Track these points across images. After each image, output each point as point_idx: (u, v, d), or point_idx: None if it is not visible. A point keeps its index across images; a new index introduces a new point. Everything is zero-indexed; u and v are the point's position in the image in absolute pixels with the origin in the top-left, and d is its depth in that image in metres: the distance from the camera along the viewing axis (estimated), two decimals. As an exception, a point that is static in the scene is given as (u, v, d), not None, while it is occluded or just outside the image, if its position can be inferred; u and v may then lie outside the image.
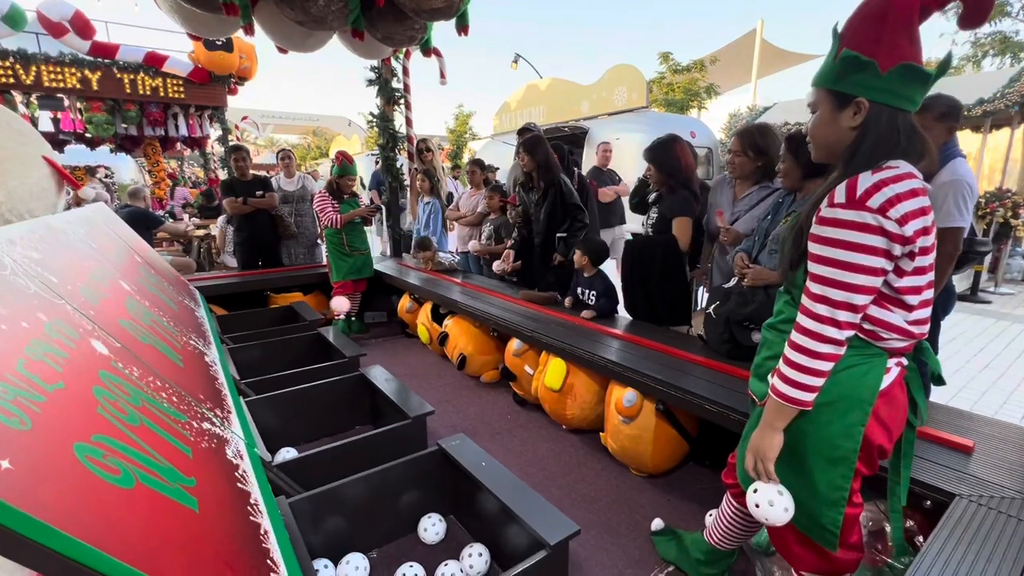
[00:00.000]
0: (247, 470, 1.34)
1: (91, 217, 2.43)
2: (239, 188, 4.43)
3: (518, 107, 12.04)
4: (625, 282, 2.93)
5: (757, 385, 1.29)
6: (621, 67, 9.63)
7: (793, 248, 1.14)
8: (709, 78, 13.11)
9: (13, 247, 1.24)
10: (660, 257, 2.70)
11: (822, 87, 1.10)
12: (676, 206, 2.70)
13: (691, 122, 8.90)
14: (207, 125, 9.20)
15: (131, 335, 1.45)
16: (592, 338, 2.58)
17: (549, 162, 3.40)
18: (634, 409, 2.17)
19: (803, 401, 1.06)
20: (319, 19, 3.41)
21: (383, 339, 4.38)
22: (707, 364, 2.17)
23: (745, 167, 2.45)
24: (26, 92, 7.47)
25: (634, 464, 2.31)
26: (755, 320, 2.09)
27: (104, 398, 0.97)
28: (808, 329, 1.03)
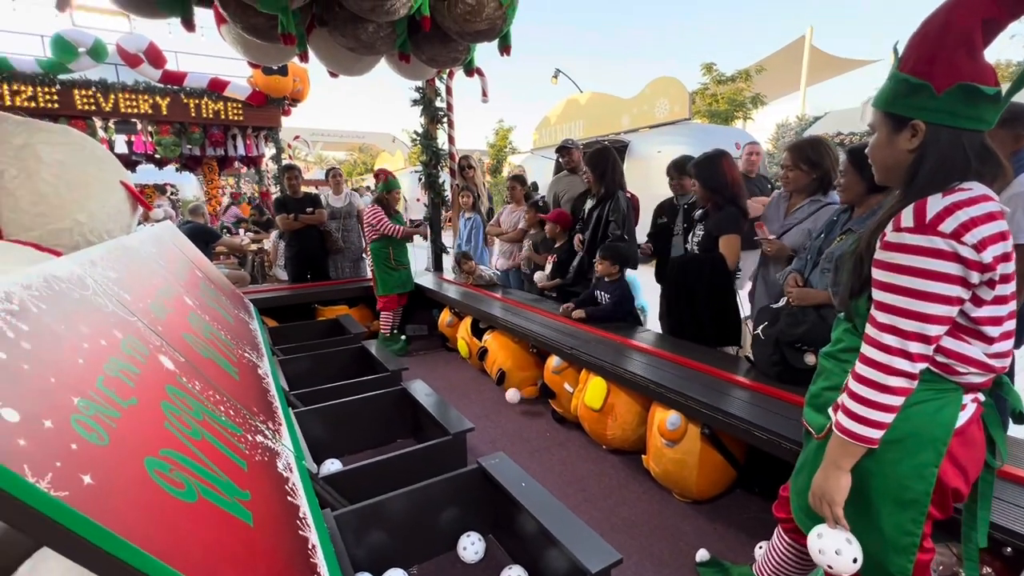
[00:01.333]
0: (296, 483, 1.39)
1: (160, 235, 2.60)
2: (291, 205, 4.65)
3: (558, 121, 12.09)
4: (670, 302, 2.86)
5: (813, 416, 1.23)
6: (663, 80, 9.54)
7: (854, 275, 1.09)
8: (755, 88, 12.78)
9: (95, 268, 1.35)
10: (707, 276, 2.62)
11: (878, 109, 1.06)
12: (723, 223, 2.63)
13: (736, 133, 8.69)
14: (262, 144, 9.73)
15: (193, 349, 1.53)
16: (634, 357, 2.54)
17: (606, 174, 3.43)
18: (678, 432, 2.10)
19: (871, 439, 1.00)
20: (369, 44, 3.56)
21: (424, 353, 4.44)
22: (756, 388, 2.09)
23: (799, 180, 2.39)
24: (105, 118, 8.14)
25: (678, 489, 2.24)
26: (807, 342, 2.00)
27: (171, 412, 1.03)
28: (875, 361, 0.98)
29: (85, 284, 1.19)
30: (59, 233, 1.86)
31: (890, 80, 1.03)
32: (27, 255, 1.43)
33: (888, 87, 1.03)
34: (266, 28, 3.16)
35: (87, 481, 0.65)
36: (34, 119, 1.97)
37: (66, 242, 1.87)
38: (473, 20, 3.18)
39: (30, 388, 0.71)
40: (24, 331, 0.80)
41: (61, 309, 0.97)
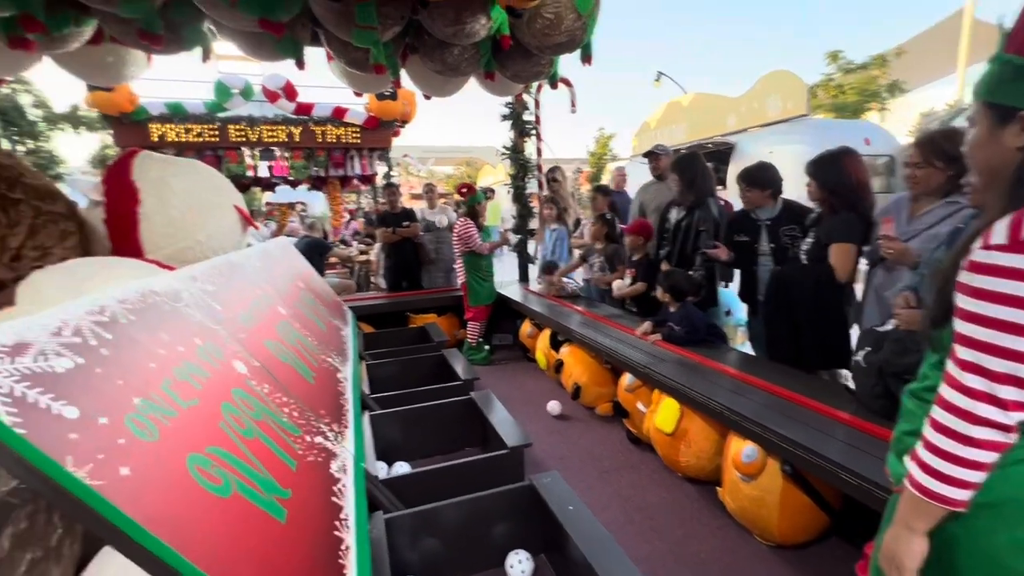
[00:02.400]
0: (347, 484, 1.48)
1: (270, 250, 2.97)
2: (390, 220, 5.03)
3: (658, 126, 11.64)
4: (768, 319, 2.59)
5: (895, 464, 1.03)
6: (775, 74, 8.73)
7: (937, 301, 0.90)
8: (894, 74, 11.17)
9: (194, 282, 1.58)
10: (811, 290, 2.32)
11: (979, 98, 0.87)
12: (836, 230, 2.32)
13: (864, 127, 7.66)
14: (375, 164, 10.66)
15: (272, 355, 1.71)
16: (710, 378, 2.34)
17: (696, 181, 3.24)
18: (754, 467, 1.89)
19: (952, 499, 0.82)
20: (454, 67, 3.74)
21: (505, 362, 4.51)
22: (852, 423, 1.81)
23: (931, 180, 2.00)
24: (252, 147, 9.52)
25: (757, 529, 2.01)
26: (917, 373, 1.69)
27: (229, 413, 1.17)
28: (955, 406, 0.80)
29: (179, 297, 1.39)
30: (184, 251, 2.20)
31: (993, 63, 0.84)
32: (149, 271, 1.71)
33: (991, 72, 0.85)
34: (363, 61, 3.47)
35: (124, 472, 0.76)
36: (170, 156, 2.36)
37: (190, 259, 2.20)
38: (552, 34, 3.20)
39: (96, 389, 0.84)
40: (107, 339, 0.96)
41: (148, 319, 1.15)
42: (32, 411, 0.70)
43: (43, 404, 0.72)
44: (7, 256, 1.60)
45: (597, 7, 3.18)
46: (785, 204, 2.84)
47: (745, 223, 2.95)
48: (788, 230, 2.75)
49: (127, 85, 7.42)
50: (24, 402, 0.70)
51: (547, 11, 3.08)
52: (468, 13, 3.00)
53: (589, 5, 3.11)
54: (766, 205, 2.85)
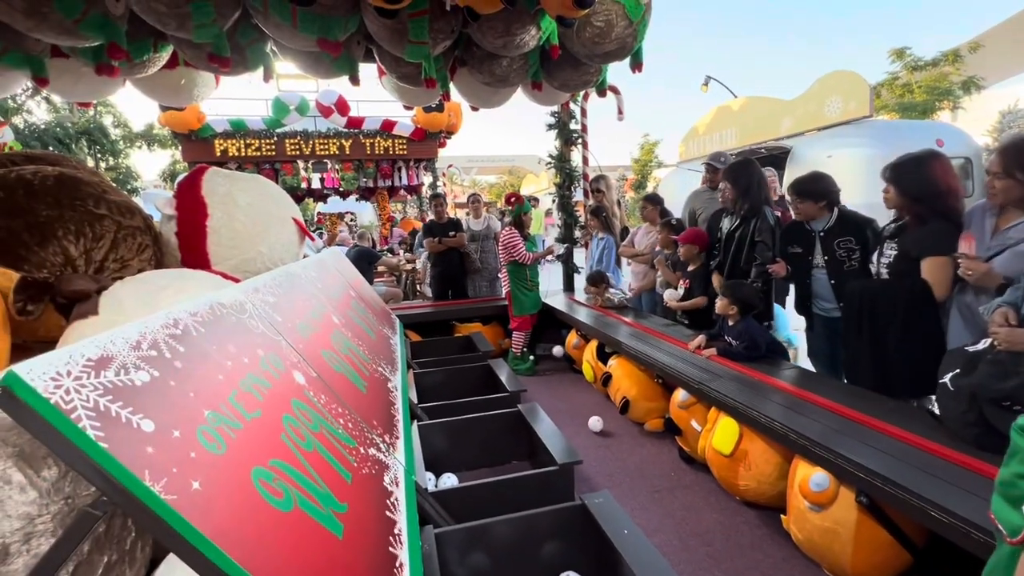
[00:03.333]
0: (399, 498, 1.48)
1: (324, 260, 3.06)
2: (436, 229, 5.10)
3: (707, 131, 11.30)
4: (848, 339, 2.42)
5: (1004, 510, 0.92)
6: (835, 75, 8.30)
7: None
8: (968, 70, 10.38)
9: (256, 294, 1.63)
10: (903, 308, 2.14)
11: None
12: (928, 241, 2.13)
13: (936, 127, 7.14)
14: (422, 174, 10.91)
15: (328, 365, 1.75)
16: (773, 398, 2.21)
17: (751, 189, 3.11)
18: (825, 496, 1.76)
19: None
20: (503, 78, 3.77)
21: (550, 373, 4.46)
22: (938, 452, 1.65)
23: (1011, 193, 1.86)
24: (306, 160, 9.96)
25: (827, 563, 1.87)
26: (1022, 400, 1.52)
27: (289, 425, 1.19)
28: None
29: (244, 308, 1.44)
30: (248, 262, 2.30)
31: None
32: (216, 282, 1.79)
33: None
34: (414, 75, 3.55)
35: (195, 487, 0.78)
36: (235, 172, 2.48)
37: (252, 269, 2.29)
38: (602, 42, 3.15)
39: (171, 402, 0.87)
40: (180, 352, 1.00)
41: (217, 332, 1.19)
42: (114, 425, 0.73)
43: (124, 418, 0.75)
44: (92, 268, 1.71)
45: (648, 13, 3.12)
46: (840, 214, 2.69)
47: (799, 234, 2.81)
48: (844, 242, 2.61)
49: (196, 105, 7.96)
50: (107, 416, 0.73)
51: (597, 19, 3.04)
52: (518, 24, 3.01)
53: (640, 11, 3.05)
54: (820, 217, 2.70)
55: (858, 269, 2.57)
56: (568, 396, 3.87)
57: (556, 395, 3.89)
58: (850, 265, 2.60)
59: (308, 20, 2.73)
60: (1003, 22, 10.89)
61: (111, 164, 15.51)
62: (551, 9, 2.67)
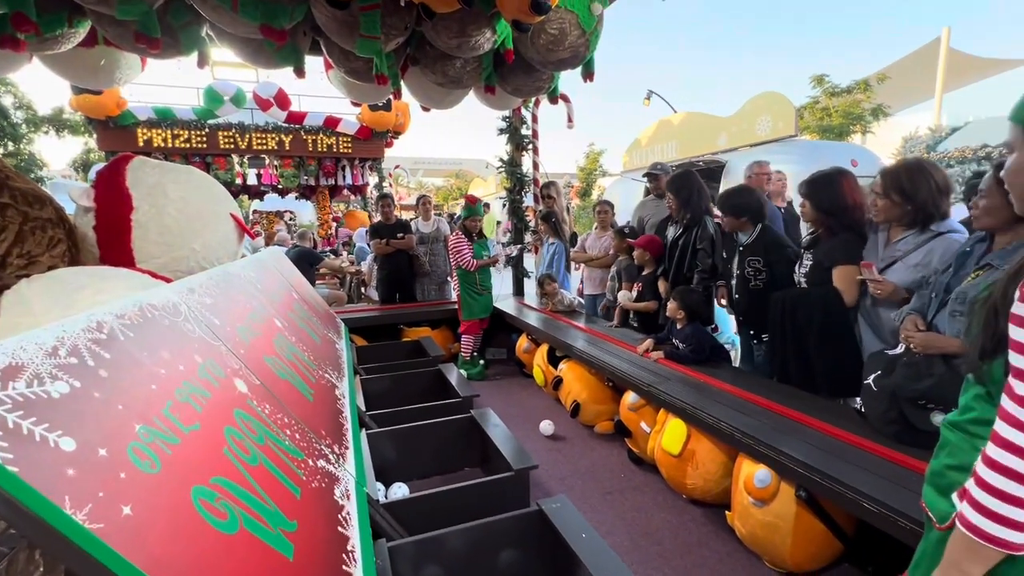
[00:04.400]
0: (351, 512, 1.40)
1: (264, 260, 2.87)
2: (383, 231, 4.95)
3: (649, 143, 11.78)
4: (774, 344, 2.55)
5: (934, 499, 0.99)
6: (765, 95, 8.92)
7: (986, 332, 0.87)
8: (877, 98, 11.49)
9: (192, 295, 1.49)
10: (820, 314, 2.28)
11: (1018, 123, 0.85)
12: (837, 251, 2.29)
13: (850, 149, 7.82)
14: (367, 174, 10.59)
15: (271, 371, 1.63)
16: (719, 399, 2.30)
17: (692, 199, 3.24)
18: (767, 492, 1.85)
19: (1011, 543, 0.77)
20: (456, 79, 3.72)
21: (500, 377, 4.44)
22: (867, 447, 1.78)
23: (889, 211, 2.06)
24: (241, 155, 9.38)
25: (768, 556, 1.96)
26: (934, 399, 1.67)
27: (232, 438, 1.09)
28: (1016, 445, 0.76)
29: (178, 311, 1.31)
30: (179, 261, 2.11)
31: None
32: (143, 282, 1.62)
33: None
34: (364, 71, 3.43)
35: (126, 512, 0.68)
36: (166, 162, 2.28)
37: (184, 269, 2.11)
38: (556, 49, 3.19)
39: (95, 416, 0.76)
40: (105, 359, 0.88)
41: (148, 336, 1.07)
42: (26, 444, 0.63)
43: (38, 436, 0.65)
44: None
45: (600, 24, 3.19)
46: (761, 231, 2.73)
47: (728, 243, 2.92)
48: (753, 260, 2.69)
49: (116, 89, 7.29)
50: (17, 434, 0.62)
51: (551, 27, 3.07)
52: (473, 26, 2.98)
53: (593, 22, 3.11)
54: (744, 230, 2.78)
55: (763, 289, 2.62)
56: (519, 400, 3.86)
57: (507, 400, 3.87)
58: (755, 284, 2.67)
59: (251, 5, 2.57)
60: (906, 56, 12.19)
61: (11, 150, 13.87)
62: (507, 12, 2.67)
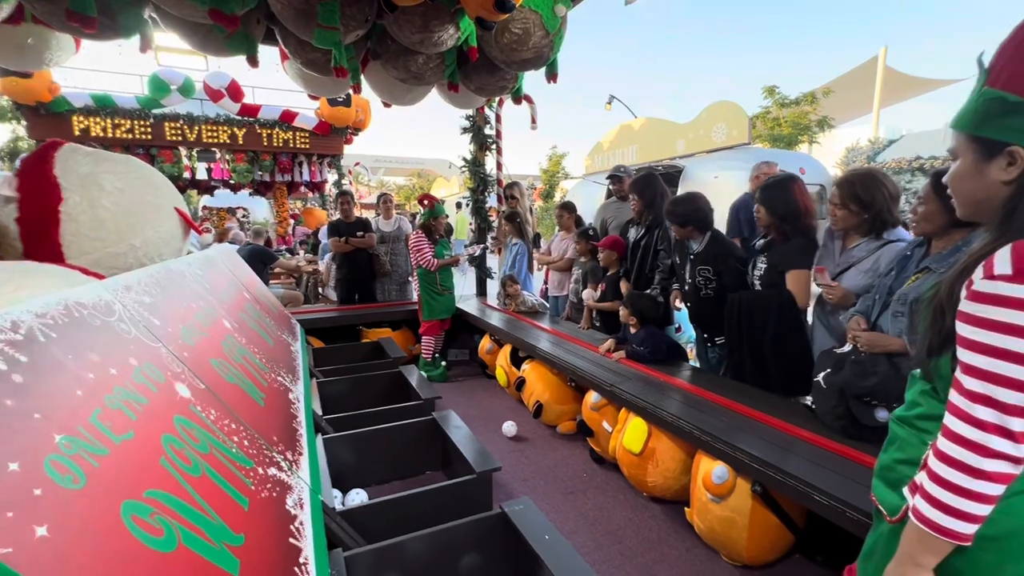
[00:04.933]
0: (305, 521, 1.33)
1: (213, 257, 2.72)
2: (343, 229, 4.80)
3: (610, 147, 12.00)
4: (730, 345, 2.61)
5: (884, 493, 1.03)
6: (720, 104, 9.26)
7: (932, 330, 0.90)
8: (822, 111, 12.14)
9: (128, 293, 1.38)
10: (774, 316, 2.35)
11: (963, 131, 0.89)
12: (791, 255, 2.37)
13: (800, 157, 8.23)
14: (326, 171, 10.28)
15: (218, 375, 1.53)
16: (678, 398, 2.34)
17: (655, 201, 3.30)
18: (725, 487, 1.89)
19: (961, 534, 0.81)
20: (418, 75, 3.65)
21: (463, 379, 4.39)
22: (817, 442, 1.85)
23: (847, 221, 2.15)
24: (189, 147, 8.90)
25: (725, 550, 2.01)
26: (878, 396, 1.75)
27: (171, 447, 1.01)
28: (966, 439, 0.79)
29: (111, 310, 1.21)
30: (115, 257, 1.96)
31: (978, 98, 0.86)
32: (72, 279, 1.49)
33: (975, 106, 0.86)
34: (322, 62, 3.31)
35: (40, 534, 0.61)
36: (101, 150, 2.12)
37: (121, 265, 1.96)
38: (520, 49, 3.18)
39: (6, 426, 0.68)
40: (21, 362, 0.79)
41: (74, 337, 0.97)
42: (-84, 460, 0.55)
43: (-67, 450, 0.56)
44: None
45: (564, 26, 3.21)
46: (710, 240, 2.75)
47: (681, 251, 2.93)
48: (703, 270, 2.71)
49: (47, 72, 6.76)
50: (-95, 449, 0.54)
51: (515, 26, 3.06)
52: (437, 21, 2.93)
53: (556, 23, 3.12)
54: (692, 238, 2.80)
55: (713, 298, 2.65)
56: (481, 402, 3.82)
57: (469, 401, 3.83)
58: (706, 293, 2.70)
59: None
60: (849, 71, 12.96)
61: (-76, 136, 12.66)
62: (471, 9, 2.63)
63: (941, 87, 14.03)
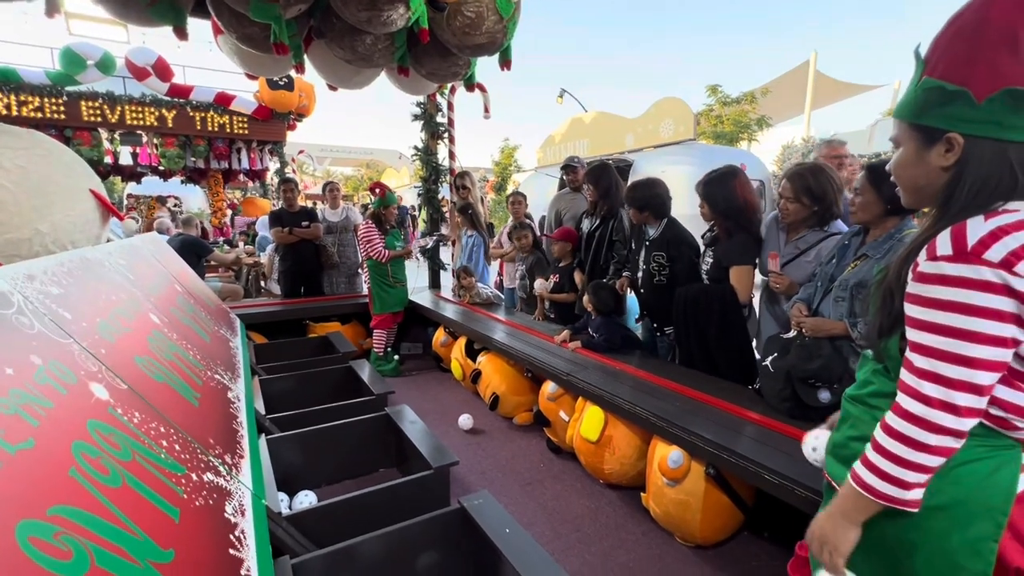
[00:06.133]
0: (247, 529, 1.22)
1: (138, 247, 2.48)
2: (286, 218, 4.55)
3: (562, 140, 12.09)
4: (679, 336, 2.65)
5: (837, 468, 1.06)
6: (667, 100, 9.51)
7: (883, 311, 0.93)
8: (760, 110, 12.77)
9: (31, 283, 1.21)
10: (718, 310, 2.40)
11: (904, 119, 0.92)
12: (734, 252, 2.41)
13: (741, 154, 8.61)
14: (267, 158, 9.73)
15: (143, 374, 1.38)
16: (633, 386, 2.37)
17: (610, 191, 3.29)
18: (680, 471, 1.92)
19: (901, 500, 0.84)
20: (366, 57, 3.48)
21: (416, 373, 4.28)
22: (765, 423, 1.91)
23: (798, 214, 2.21)
24: (111, 129, 8.16)
25: (679, 532, 2.05)
26: (822, 378, 1.83)
27: (84, 455, 0.88)
28: (914, 415, 0.82)
29: (9, 301, 1.05)
30: (18, 243, 1.74)
31: (917, 87, 0.88)
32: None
33: (915, 95, 0.88)
34: (260, 38, 3.09)
35: (-97, 568, 0.50)
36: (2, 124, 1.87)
37: (25, 253, 1.74)
38: (472, 33, 3.10)
39: None
40: None
41: (-43, 332, 0.83)
42: None
43: None
44: None
45: (518, 12, 3.15)
46: (666, 226, 2.78)
47: (638, 237, 2.95)
48: (658, 256, 2.73)
49: (-65, 39, 5.97)
50: None
51: (468, 9, 2.98)
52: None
53: (510, 9, 3.06)
54: (649, 224, 2.83)
55: (666, 285, 2.67)
56: (436, 396, 3.74)
57: (424, 395, 3.74)
58: (659, 280, 2.72)
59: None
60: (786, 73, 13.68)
61: None
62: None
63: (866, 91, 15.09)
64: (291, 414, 2.52)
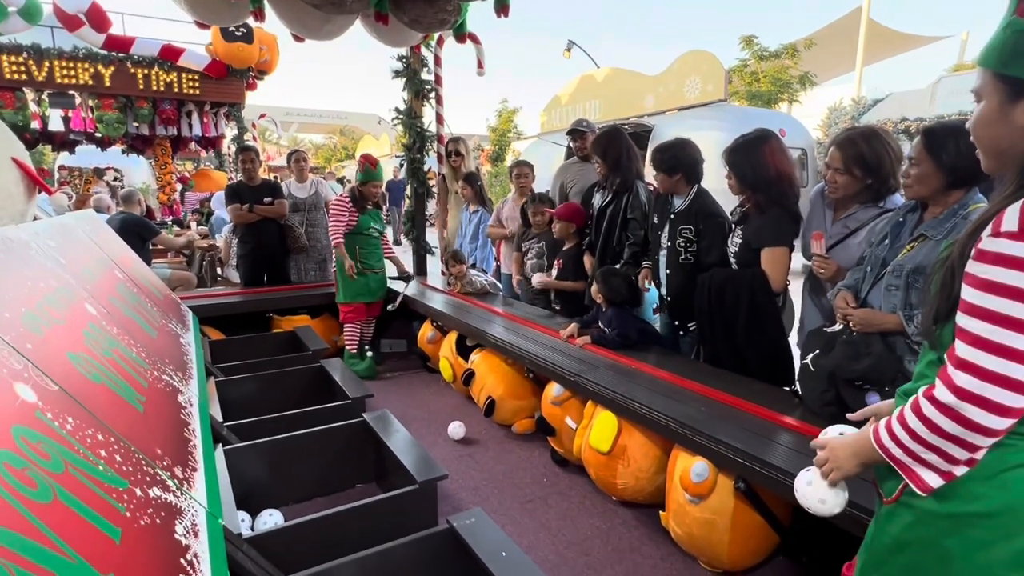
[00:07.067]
0: (200, 553, 1.23)
1: (69, 226, 2.47)
2: (246, 194, 4.53)
3: (570, 101, 12.02)
4: (702, 330, 2.66)
5: (884, 475, 1.08)
6: (694, 54, 9.43)
7: (942, 294, 0.94)
8: (803, 65, 12.67)
9: (-57, 266, 1.21)
10: (748, 298, 2.37)
11: (988, 68, 0.90)
12: (766, 231, 2.37)
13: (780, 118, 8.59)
14: (223, 124, 9.67)
15: (79, 373, 1.39)
16: (651, 387, 2.38)
17: (621, 161, 3.24)
18: (705, 486, 1.94)
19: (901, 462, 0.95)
20: (337, 3, 3.45)
21: (400, 373, 4.31)
22: (804, 431, 1.92)
23: (849, 188, 2.15)
24: (38, 89, 8.09)
25: (705, 556, 2.07)
26: (871, 379, 1.83)
27: (7, 466, 0.88)
28: (944, 404, 0.86)
29: (-83, 288, 1.05)
30: (-73, 221, 1.73)
31: (1006, 30, 0.86)
32: None
33: (1003, 40, 0.86)
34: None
35: None
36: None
37: (-64, 232, 1.74)
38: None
39: None
40: None
41: None
42: None
43: None
44: None
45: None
46: (695, 196, 2.79)
47: (661, 207, 2.92)
48: (685, 230, 2.74)
49: None
50: None
51: (459, -57, 2.94)
52: (360, -69, 2.76)
53: (509, -58, 3.03)
54: (679, 191, 2.81)
55: (692, 264, 2.70)
56: (423, 400, 3.77)
57: (408, 400, 3.77)
58: (685, 258, 2.73)
59: None
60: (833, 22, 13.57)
61: None
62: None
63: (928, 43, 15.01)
64: (253, 421, 2.54)
